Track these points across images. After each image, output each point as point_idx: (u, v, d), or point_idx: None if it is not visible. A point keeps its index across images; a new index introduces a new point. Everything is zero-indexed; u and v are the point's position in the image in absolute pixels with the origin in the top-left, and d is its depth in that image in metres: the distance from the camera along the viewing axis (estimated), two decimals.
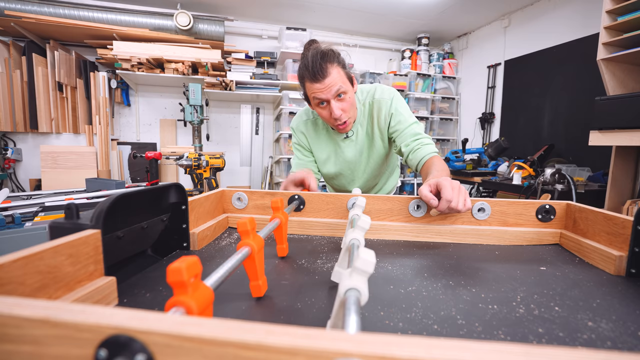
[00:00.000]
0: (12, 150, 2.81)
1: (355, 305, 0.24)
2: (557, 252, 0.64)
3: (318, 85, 0.90)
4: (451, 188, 0.64)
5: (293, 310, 0.40)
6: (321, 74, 0.89)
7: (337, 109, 0.93)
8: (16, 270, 0.29)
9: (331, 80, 0.90)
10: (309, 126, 1.13)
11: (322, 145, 1.12)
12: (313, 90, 0.92)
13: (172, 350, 0.17)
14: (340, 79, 0.91)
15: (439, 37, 3.88)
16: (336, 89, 0.91)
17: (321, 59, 0.89)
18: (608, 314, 0.40)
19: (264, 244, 0.47)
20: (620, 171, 1.92)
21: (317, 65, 0.88)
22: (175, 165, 3.05)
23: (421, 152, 0.95)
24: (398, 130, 1.02)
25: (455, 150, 3.15)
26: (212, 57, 2.87)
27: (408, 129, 1.00)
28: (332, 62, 0.90)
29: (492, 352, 0.16)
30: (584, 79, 2.53)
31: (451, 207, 0.63)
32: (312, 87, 0.91)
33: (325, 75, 0.89)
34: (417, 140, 0.98)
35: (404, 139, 1.00)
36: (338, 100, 0.93)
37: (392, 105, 1.03)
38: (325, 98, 0.92)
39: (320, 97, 0.92)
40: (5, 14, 2.51)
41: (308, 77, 0.91)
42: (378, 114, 1.04)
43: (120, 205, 0.43)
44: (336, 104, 0.93)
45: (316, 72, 0.89)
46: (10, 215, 1.35)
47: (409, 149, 0.98)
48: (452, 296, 0.44)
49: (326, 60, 0.89)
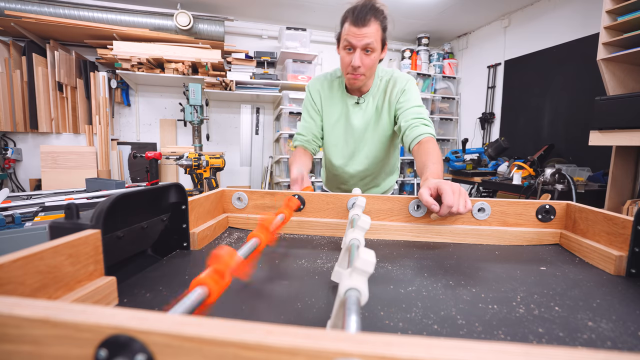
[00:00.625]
0: (12, 150, 2.81)
1: (355, 305, 0.24)
2: (557, 252, 0.64)
3: (355, 30, 0.93)
4: (452, 192, 0.64)
5: (293, 310, 0.40)
6: (362, 21, 0.92)
7: (358, 59, 0.96)
8: (16, 270, 0.29)
9: (368, 31, 0.93)
10: (325, 86, 1.15)
11: (334, 106, 1.14)
12: (348, 32, 0.95)
13: (172, 350, 0.17)
14: (375, 37, 0.95)
15: (439, 37, 3.88)
16: (368, 41, 0.94)
17: (369, 9, 0.93)
18: (608, 314, 0.40)
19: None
20: (620, 171, 1.92)
21: (363, 12, 0.92)
22: (175, 165, 3.05)
23: (417, 131, 0.97)
24: (403, 107, 1.04)
25: (455, 150, 3.15)
26: (212, 57, 2.87)
27: (413, 108, 1.03)
28: (377, 18, 0.94)
29: (492, 352, 0.16)
30: (584, 79, 2.53)
31: (452, 212, 0.63)
32: (349, 29, 0.94)
33: (366, 24, 0.92)
34: (418, 119, 1.00)
35: (406, 115, 1.02)
36: (364, 53, 0.97)
37: (407, 84, 1.07)
38: (355, 44, 0.95)
39: (350, 42, 0.95)
40: (5, 14, 2.51)
41: (350, 18, 0.94)
42: (392, 89, 1.08)
43: (120, 205, 0.43)
44: (361, 55, 0.96)
45: (359, 17, 0.92)
46: (10, 215, 1.35)
47: (407, 124, 1.00)
48: (452, 296, 0.44)
49: (372, 14, 0.93)
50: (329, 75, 1.17)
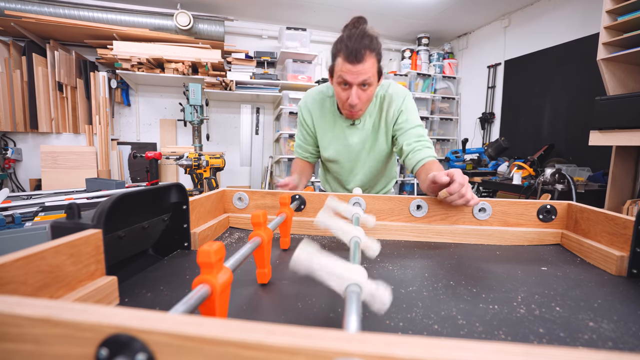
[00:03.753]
0: (12, 150, 2.81)
1: (355, 305, 0.24)
2: (558, 252, 0.64)
3: (349, 67, 0.88)
4: (462, 177, 0.66)
5: (293, 310, 0.40)
6: (357, 58, 0.86)
7: (355, 97, 0.92)
8: (18, 270, 0.29)
9: (363, 68, 0.88)
10: (316, 106, 1.11)
11: (327, 127, 1.11)
12: (342, 69, 0.90)
13: (173, 349, 0.17)
14: (372, 71, 0.90)
15: (439, 37, 3.88)
16: (364, 78, 0.89)
17: (363, 43, 0.86)
18: (609, 314, 0.40)
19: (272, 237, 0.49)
20: (620, 171, 1.92)
21: (358, 47, 0.86)
22: (175, 165, 3.05)
23: (421, 154, 0.95)
24: (403, 128, 1.02)
25: (455, 150, 3.15)
26: (212, 57, 2.87)
27: (413, 130, 1.01)
28: (372, 51, 0.88)
29: (492, 352, 0.16)
30: (584, 79, 2.53)
31: (462, 192, 0.64)
32: (344, 66, 0.89)
33: (361, 60, 0.87)
34: (420, 142, 0.98)
35: (407, 137, 1.00)
36: (361, 89, 0.92)
37: (404, 103, 1.03)
38: (351, 81, 0.90)
39: (346, 79, 0.90)
40: (5, 14, 2.51)
41: (344, 54, 0.88)
42: (388, 108, 1.04)
43: (121, 205, 0.43)
44: (358, 91, 0.92)
45: (353, 54, 0.86)
46: (10, 215, 1.35)
47: (410, 148, 0.98)
48: (453, 296, 0.44)
49: (367, 47, 0.87)
50: (320, 94, 1.12)
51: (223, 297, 0.29)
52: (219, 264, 0.29)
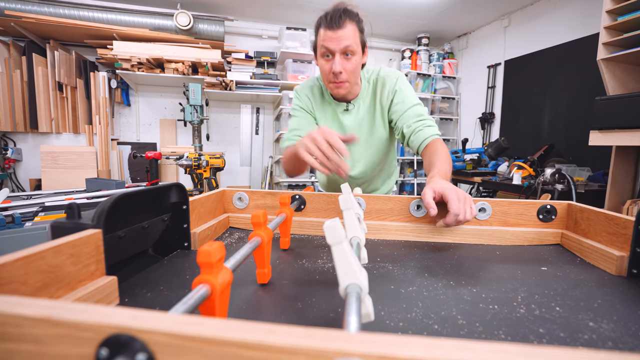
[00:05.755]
0: (12, 150, 2.81)
1: (356, 305, 0.24)
2: (558, 252, 0.64)
3: (330, 33, 0.88)
4: (457, 200, 0.62)
5: (293, 310, 0.40)
6: (337, 23, 0.87)
7: (338, 64, 0.90)
8: (17, 270, 0.29)
9: (344, 33, 0.87)
10: (315, 92, 1.10)
11: (324, 111, 1.09)
12: (324, 38, 0.89)
13: (173, 349, 0.17)
14: (354, 38, 0.89)
15: (439, 37, 3.88)
16: (347, 43, 0.88)
17: (342, 12, 0.87)
18: (609, 314, 0.40)
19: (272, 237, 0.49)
20: (620, 171, 1.92)
21: (337, 15, 0.87)
22: (175, 165, 3.05)
23: (423, 134, 0.92)
24: (400, 110, 0.99)
25: (455, 150, 3.15)
26: (212, 57, 2.87)
27: (411, 110, 0.97)
28: (352, 19, 0.89)
29: (492, 352, 0.16)
30: (584, 79, 2.53)
31: (459, 220, 0.62)
32: (325, 34, 0.89)
33: (341, 26, 0.87)
34: (420, 121, 0.95)
35: (406, 119, 0.97)
36: (344, 57, 0.91)
37: (397, 84, 1.01)
38: (332, 48, 0.89)
39: (328, 47, 0.89)
40: (5, 14, 2.51)
41: (324, 23, 0.89)
42: (382, 90, 1.02)
43: (121, 205, 0.43)
44: (341, 60, 0.90)
45: (333, 20, 0.87)
46: (10, 215, 1.35)
47: (410, 129, 0.95)
48: (453, 296, 0.44)
49: (347, 15, 0.88)
50: (316, 81, 1.11)
51: (223, 297, 0.29)
52: (219, 264, 0.29)
